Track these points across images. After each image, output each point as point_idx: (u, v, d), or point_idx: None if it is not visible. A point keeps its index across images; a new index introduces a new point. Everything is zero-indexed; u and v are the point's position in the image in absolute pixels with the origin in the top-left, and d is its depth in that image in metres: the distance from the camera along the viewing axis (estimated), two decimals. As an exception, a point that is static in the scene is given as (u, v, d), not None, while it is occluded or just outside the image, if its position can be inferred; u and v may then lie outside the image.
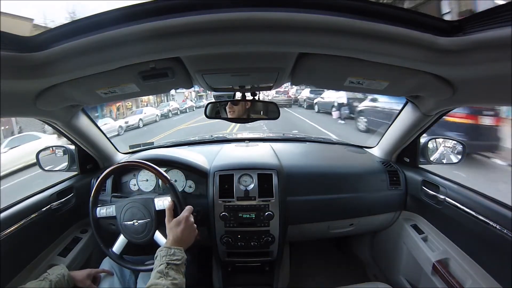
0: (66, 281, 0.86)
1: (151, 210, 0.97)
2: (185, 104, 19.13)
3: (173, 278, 0.69)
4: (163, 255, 0.74)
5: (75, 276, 0.91)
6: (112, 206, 1.01)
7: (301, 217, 1.23)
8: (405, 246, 1.27)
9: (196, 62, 0.69)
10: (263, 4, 0.48)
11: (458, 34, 0.50)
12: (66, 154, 1.29)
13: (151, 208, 0.97)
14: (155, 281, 0.68)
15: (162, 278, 0.69)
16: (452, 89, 0.68)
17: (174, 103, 18.62)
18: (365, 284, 1.01)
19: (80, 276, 0.92)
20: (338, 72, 0.71)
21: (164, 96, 21.43)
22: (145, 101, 20.33)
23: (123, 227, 0.98)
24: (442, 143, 1.25)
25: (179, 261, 0.74)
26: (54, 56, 0.54)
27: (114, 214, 1.00)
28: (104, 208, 1.01)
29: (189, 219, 0.87)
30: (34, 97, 0.72)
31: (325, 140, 1.86)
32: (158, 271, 0.70)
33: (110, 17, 0.51)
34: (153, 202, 0.97)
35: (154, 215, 0.96)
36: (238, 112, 1.12)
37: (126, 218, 0.98)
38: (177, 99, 21.24)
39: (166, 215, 0.89)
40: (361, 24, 0.49)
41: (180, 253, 0.76)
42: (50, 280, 0.82)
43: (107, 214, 1.01)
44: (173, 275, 0.70)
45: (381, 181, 1.26)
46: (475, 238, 0.92)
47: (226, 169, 1.21)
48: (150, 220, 0.96)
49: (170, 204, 0.92)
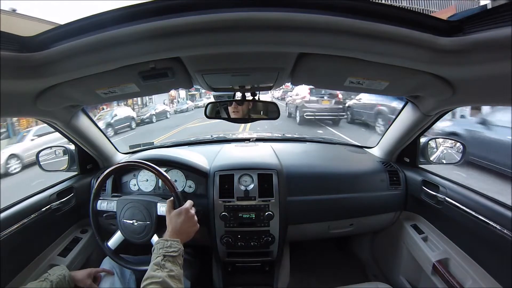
0: (67, 281, 0.85)
1: (153, 214, 0.96)
2: (154, 110, 13.78)
3: (170, 270, 0.70)
4: (160, 247, 0.75)
5: (75, 276, 0.91)
6: (114, 201, 1.01)
7: (301, 217, 1.23)
8: (405, 246, 1.27)
9: (196, 62, 0.69)
10: (263, 4, 0.48)
11: (458, 34, 0.50)
12: (66, 154, 1.29)
13: (152, 212, 0.97)
14: (152, 274, 0.68)
15: (159, 270, 0.69)
16: (452, 89, 0.68)
17: (161, 106, 14.89)
18: (365, 284, 1.01)
19: (81, 275, 0.92)
20: (338, 72, 0.71)
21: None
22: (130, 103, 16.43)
23: (122, 225, 0.98)
24: (442, 143, 1.26)
25: (176, 253, 0.75)
26: (54, 56, 0.55)
27: (115, 210, 1.00)
28: (106, 202, 1.01)
29: (190, 211, 0.88)
30: (34, 97, 0.72)
31: (325, 140, 1.86)
32: (154, 263, 0.71)
33: (110, 17, 0.51)
34: (155, 206, 0.97)
35: (155, 219, 0.96)
36: (243, 112, 1.11)
37: (126, 216, 0.98)
38: (157, 102, 16.81)
39: (166, 206, 0.89)
40: (361, 24, 0.49)
41: (177, 244, 0.77)
42: (51, 281, 0.81)
43: (108, 208, 1.01)
44: (170, 267, 0.71)
45: (381, 181, 1.26)
46: (475, 238, 0.92)
47: (226, 169, 1.21)
48: (150, 223, 0.96)
49: (171, 199, 0.92)
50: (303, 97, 7.57)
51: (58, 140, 1.51)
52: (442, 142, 1.26)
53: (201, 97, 23.48)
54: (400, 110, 1.17)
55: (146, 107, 15.85)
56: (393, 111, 5.16)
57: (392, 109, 5.48)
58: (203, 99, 20.78)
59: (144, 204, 0.98)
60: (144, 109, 15.01)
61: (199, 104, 18.31)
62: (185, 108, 17.67)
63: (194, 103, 19.64)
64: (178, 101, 21.87)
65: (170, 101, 21.11)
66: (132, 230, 0.97)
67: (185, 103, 19.19)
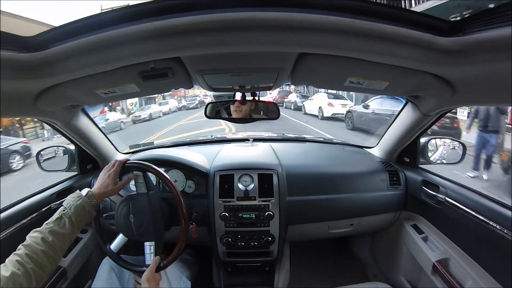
0: (87, 212, 0.77)
1: (144, 236, 0.94)
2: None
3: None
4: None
5: (100, 195, 0.81)
6: (144, 189, 0.98)
7: (301, 217, 1.23)
8: (405, 246, 1.27)
9: (196, 62, 0.69)
10: (263, 4, 0.48)
11: (458, 34, 0.50)
12: (66, 154, 1.29)
13: (145, 237, 0.94)
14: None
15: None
16: (452, 89, 0.68)
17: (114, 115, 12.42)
18: (365, 284, 1.01)
19: (107, 186, 0.83)
20: (338, 72, 0.71)
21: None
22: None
23: (121, 210, 0.95)
24: (442, 143, 1.26)
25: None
26: (54, 56, 0.54)
27: (138, 191, 0.98)
28: (141, 179, 0.98)
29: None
30: (34, 97, 0.72)
31: (325, 140, 1.86)
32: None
33: (110, 17, 0.51)
34: (150, 238, 0.94)
35: (137, 238, 0.94)
36: (245, 112, 1.11)
37: (132, 208, 0.94)
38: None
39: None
40: (361, 24, 0.49)
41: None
42: (69, 216, 0.72)
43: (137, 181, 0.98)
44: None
45: (381, 181, 1.26)
46: (475, 238, 0.92)
47: (226, 169, 1.21)
48: (133, 233, 0.94)
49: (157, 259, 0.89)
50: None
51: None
52: (442, 142, 1.26)
53: (165, 98, 19.09)
54: (400, 110, 1.17)
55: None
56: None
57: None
58: (168, 101, 17.91)
59: (150, 222, 0.94)
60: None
61: (163, 109, 15.85)
62: (145, 116, 14.01)
63: (161, 106, 16.40)
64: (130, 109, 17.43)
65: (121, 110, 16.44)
66: (128, 225, 0.94)
67: (148, 108, 15.35)
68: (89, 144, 1.22)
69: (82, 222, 0.75)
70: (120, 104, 16.91)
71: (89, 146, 1.23)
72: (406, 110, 1.11)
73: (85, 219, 0.76)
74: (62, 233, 0.69)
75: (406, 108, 1.11)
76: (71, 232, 0.71)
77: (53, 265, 0.66)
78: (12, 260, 0.60)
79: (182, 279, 1.10)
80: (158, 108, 15.87)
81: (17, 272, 0.57)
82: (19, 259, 0.60)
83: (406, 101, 1.09)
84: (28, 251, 0.62)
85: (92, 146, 1.25)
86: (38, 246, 0.64)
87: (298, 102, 12.08)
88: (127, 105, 17.55)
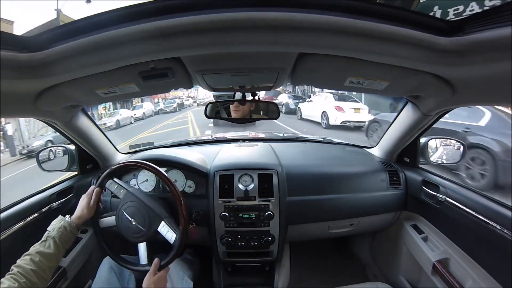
0: (69, 232, 0.84)
1: (153, 226, 0.95)
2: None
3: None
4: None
5: (78, 218, 0.89)
6: (123, 189, 1.00)
7: (301, 217, 1.23)
8: (405, 246, 1.27)
9: (196, 62, 0.69)
10: (263, 4, 0.48)
11: (458, 34, 0.50)
12: (66, 154, 1.29)
13: (155, 224, 0.95)
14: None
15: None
16: (452, 89, 0.68)
17: (125, 111, 13.06)
18: (365, 284, 1.01)
19: (81, 212, 0.91)
20: (338, 72, 0.71)
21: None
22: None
23: (120, 215, 0.96)
24: (442, 143, 1.26)
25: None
26: (54, 56, 0.54)
27: (121, 197, 0.99)
28: (116, 185, 1.01)
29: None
30: (34, 97, 0.72)
31: (325, 140, 1.86)
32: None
33: (110, 17, 0.51)
34: (159, 221, 0.95)
35: (151, 232, 0.95)
36: (244, 112, 1.11)
37: (128, 212, 0.96)
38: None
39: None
40: (362, 24, 0.49)
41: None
42: (53, 237, 0.80)
43: (112, 190, 1.00)
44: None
45: (381, 181, 1.26)
46: (475, 238, 0.92)
47: (226, 169, 1.21)
48: (145, 231, 0.94)
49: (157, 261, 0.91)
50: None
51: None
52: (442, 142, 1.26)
53: (143, 100, 17.07)
54: (400, 110, 1.17)
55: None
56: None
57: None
58: (142, 104, 16.07)
59: (149, 212, 0.95)
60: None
61: (136, 114, 14.11)
62: (111, 124, 12.04)
63: (133, 111, 14.59)
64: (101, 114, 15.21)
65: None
66: (127, 226, 0.95)
67: (116, 114, 13.32)
68: (89, 144, 1.22)
69: (67, 241, 0.83)
70: (90, 110, 12.69)
71: (89, 146, 1.23)
72: (406, 110, 1.11)
73: (69, 239, 0.84)
74: (48, 253, 0.76)
75: (406, 108, 1.11)
76: (56, 251, 0.78)
77: (43, 282, 0.73)
78: (7, 277, 0.67)
79: (184, 278, 1.10)
80: (128, 114, 13.92)
81: (12, 285, 0.65)
82: (13, 275, 0.67)
83: (406, 101, 1.09)
84: (19, 270, 0.69)
85: (92, 146, 1.25)
86: (28, 266, 0.71)
87: (290, 104, 10.34)
88: (98, 110, 15.06)
